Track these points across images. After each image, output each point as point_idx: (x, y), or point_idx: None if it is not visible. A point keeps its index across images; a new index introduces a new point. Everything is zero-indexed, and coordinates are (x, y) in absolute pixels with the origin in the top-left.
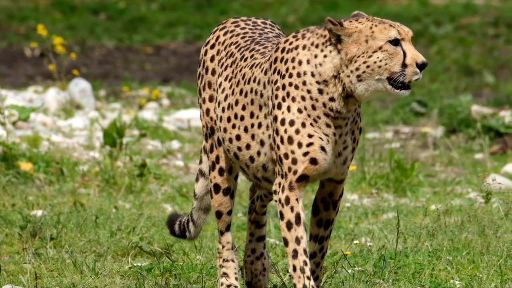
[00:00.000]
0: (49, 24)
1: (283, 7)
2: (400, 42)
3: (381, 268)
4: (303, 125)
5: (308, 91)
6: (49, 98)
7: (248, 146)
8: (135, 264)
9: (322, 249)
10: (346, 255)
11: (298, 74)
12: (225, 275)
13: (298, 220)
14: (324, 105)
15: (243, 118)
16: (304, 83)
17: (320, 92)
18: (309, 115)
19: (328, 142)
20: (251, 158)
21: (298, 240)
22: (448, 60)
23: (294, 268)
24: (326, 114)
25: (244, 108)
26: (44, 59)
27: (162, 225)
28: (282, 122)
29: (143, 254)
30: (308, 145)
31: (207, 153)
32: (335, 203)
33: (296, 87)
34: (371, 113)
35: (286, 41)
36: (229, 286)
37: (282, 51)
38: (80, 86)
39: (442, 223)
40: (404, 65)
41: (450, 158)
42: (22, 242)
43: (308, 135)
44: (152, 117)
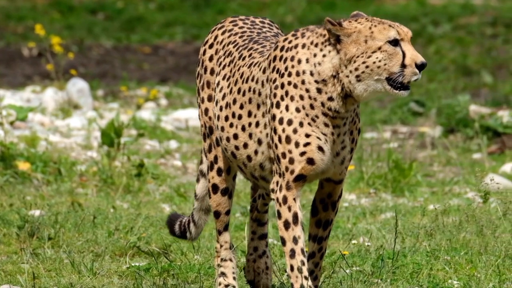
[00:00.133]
0: (47, 24)
1: (280, 7)
2: (399, 43)
3: (379, 268)
4: (301, 124)
5: (307, 90)
6: (47, 98)
7: (246, 145)
8: (133, 264)
9: (321, 249)
10: (344, 255)
11: (297, 73)
12: (223, 275)
13: (295, 219)
14: (323, 104)
15: (240, 117)
16: (303, 82)
17: (318, 91)
18: (307, 114)
19: (326, 141)
20: (248, 157)
21: (295, 240)
22: (446, 60)
23: (291, 268)
24: (324, 114)
25: (242, 107)
26: (42, 59)
27: (160, 225)
28: (280, 121)
29: (141, 254)
30: (305, 144)
31: (205, 153)
32: (334, 204)
33: (295, 86)
34: (369, 112)
35: (285, 40)
36: (227, 286)
37: (281, 49)
38: (78, 86)
39: (440, 223)
40: (403, 66)
41: (448, 158)
42: (20, 242)
43: (305, 135)
44: (150, 117)
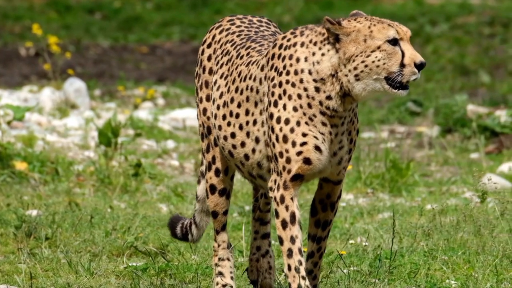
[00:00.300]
0: (44, 24)
1: (278, 7)
2: (398, 42)
3: (376, 268)
4: (298, 123)
5: (305, 89)
6: (44, 97)
7: (243, 144)
8: (130, 264)
9: (320, 249)
10: (342, 255)
11: (295, 72)
12: (221, 274)
13: (293, 219)
14: (321, 103)
15: (238, 115)
16: (301, 81)
17: (317, 90)
18: (304, 113)
19: (324, 141)
20: (246, 155)
21: (293, 239)
22: (444, 60)
23: (289, 268)
24: (322, 113)
25: (239, 105)
26: (39, 58)
27: (158, 225)
28: (278, 120)
29: (138, 254)
30: (302, 144)
31: (203, 153)
32: (333, 205)
33: (293, 85)
34: (366, 112)
35: (284, 38)
36: (225, 285)
37: (280, 47)
38: (75, 86)
39: (437, 222)
40: (402, 65)
41: (445, 157)
42: (17, 242)
43: (302, 134)
44: (147, 117)
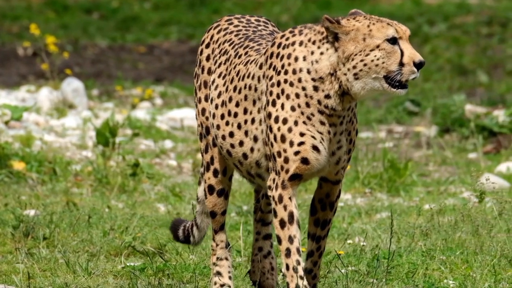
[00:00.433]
0: (41, 23)
1: (276, 6)
2: (397, 41)
3: (374, 267)
4: (296, 123)
5: (303, 88)
6: (41, 97)
7: (241, 143)
8: (128, 264)
9: (320, 248)
10: (340, 254)
11: (294, 71)
12: (219, 274)
13: (291, 218)
14: (319, 102)
15: (236, 115)
16: (300, 80)
17: (315, 89)
18: (302, 112)
19: (322, 140)
20: (244, 155)
21: (291, 239)
22: (442, 60)
23: (287, 267)
24: (320, 112)
25: (237, 105)
26: (36, 58)
27: (155, 225)
28: (276, 119)
29: (136, 254)
30: (300, 144)
31: (201, 153)
32: (332, 204)
33: (291, 84)
34: (364, 112)
35: (282, 36)
36: (223, 285)
37: (279, 46)
38: (72, 86)
39: (435, 222)
40: (402, 64)
41: (443, 157)
42: (15, 241)
43: (300, 134)
44: (145, 117)
